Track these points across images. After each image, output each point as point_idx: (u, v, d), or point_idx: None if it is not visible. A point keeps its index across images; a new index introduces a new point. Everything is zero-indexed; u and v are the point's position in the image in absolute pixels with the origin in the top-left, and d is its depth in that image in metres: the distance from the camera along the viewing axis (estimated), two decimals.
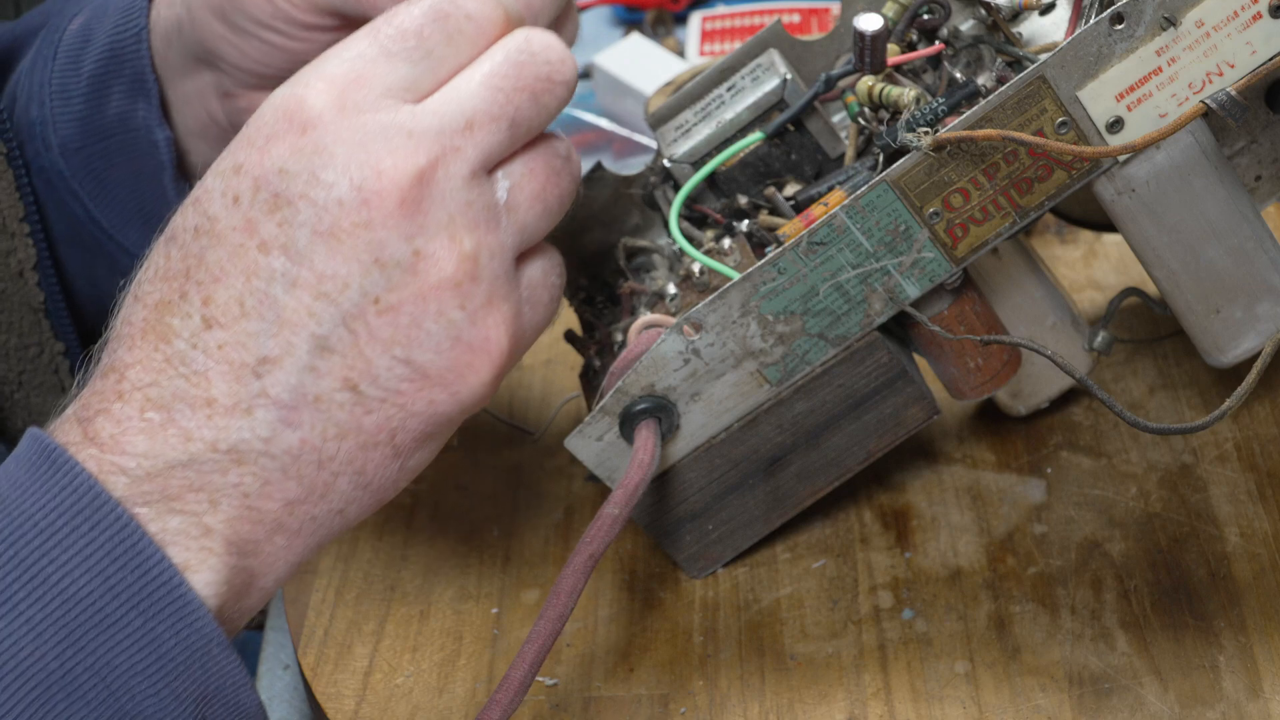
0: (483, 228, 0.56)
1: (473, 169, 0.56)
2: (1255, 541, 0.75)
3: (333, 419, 0.55)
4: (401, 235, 0.55)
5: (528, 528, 0.82)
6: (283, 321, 0.54)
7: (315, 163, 0.54)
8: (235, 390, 0.54)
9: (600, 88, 1.17)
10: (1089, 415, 0.83)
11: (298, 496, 0.55)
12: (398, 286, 0.55)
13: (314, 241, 0.54)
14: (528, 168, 0.58)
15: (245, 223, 0.55)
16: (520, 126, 0.58)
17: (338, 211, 0.54)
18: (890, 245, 0.70)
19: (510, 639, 0.76)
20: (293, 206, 0.54)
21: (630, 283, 0.80)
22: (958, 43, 0.74)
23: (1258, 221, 0.70)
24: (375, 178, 0.54)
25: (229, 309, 0.54)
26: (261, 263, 0.54)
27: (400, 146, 0.55)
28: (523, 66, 0.58)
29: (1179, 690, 0.69)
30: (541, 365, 0.92)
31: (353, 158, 0.54)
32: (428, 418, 0.57)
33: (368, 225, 0.54)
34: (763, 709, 0.72)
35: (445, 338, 0.56)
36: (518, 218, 0.58)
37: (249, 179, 0.55)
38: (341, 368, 0.55)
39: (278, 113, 0.56)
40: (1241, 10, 0.66)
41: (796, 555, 0.79)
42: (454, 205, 0.55)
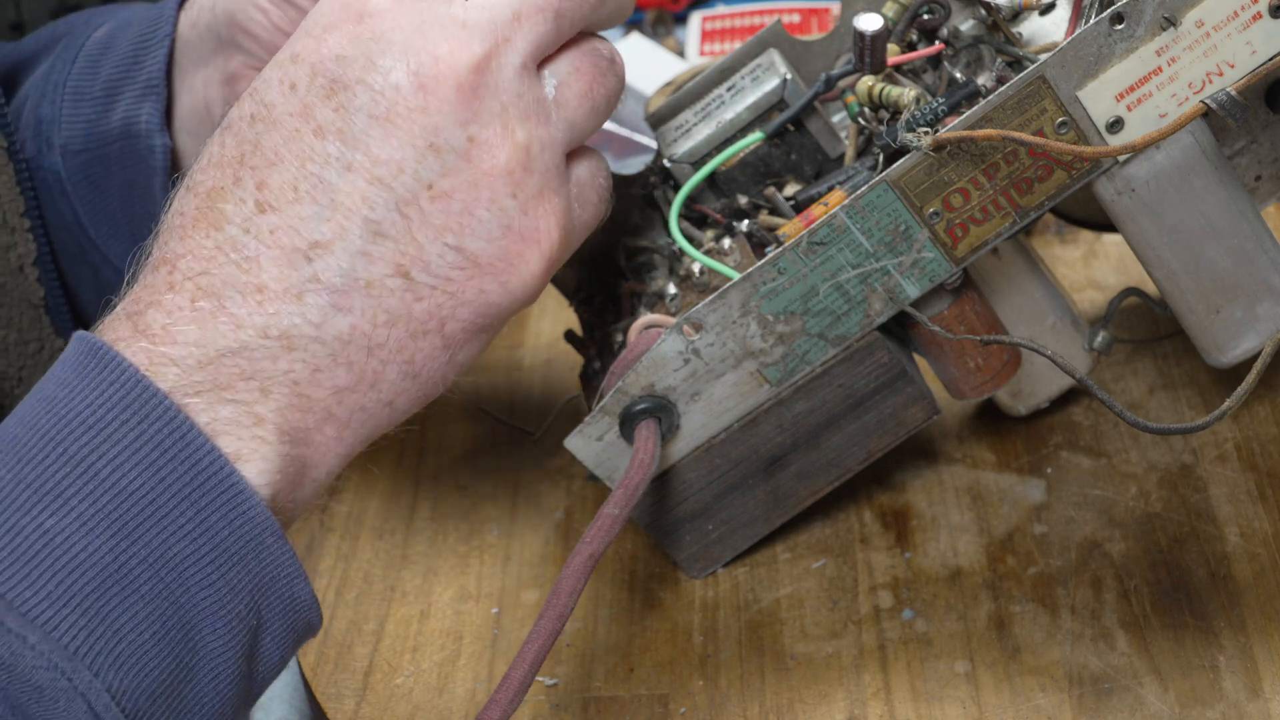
0: (535, 119, 0.57)
1: (524, 60, 0.57)
2: (1255, 541, 0.75)
3: (384, 305, 0.55)
4: (457, 121, 0.55)
5: (528, 528, 0.82)
6: (336, 205, 0.55)
7: (372, 49, 0.55)
8: (287, 275, 0.55)
9: None
10: (1089, 415, 0.83)
11: (347, 384, 0.55)
12: (452, 172, 0.55)
13: (370, 126, 0.55)
14: (574, 65, 0.59)
15: (302, 108, 0.55)
16: (565, 19, 0.58)
17: (394, 96, 0.55)
18: (890, 245, 0.70)
19: (510, 639, 0.76)
20: (349, 91, 0.55)
21: (630, 283, 0.80)
22: (958, 43, 0.74)
23: (1258, 221, 0.70)
24: (432, 64, 0.55)
25: (283, 193, 0.55)
26: (317, 147, 0.55)
27: (455, 35, 0.56)
28: None
29: (1179, 690, 0.69)
30: (542, 365, 0.92)
31: (410, 44, 0.55)
32: (478, 307, 0.57)
33: (424, 110, 0.55)
34: (763, 709, 0.72)
35: (497, 225, 0.56)
36: (567, 113, 0.59)
37: (306, 66, 0.56)
38: (394, 253, 0.55)
39: (335, 3, 0.57)
40: (1241, 10, 0.66)
41: (796, 555, 0.79)
42: (507, 95, 0.56)
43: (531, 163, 0.57)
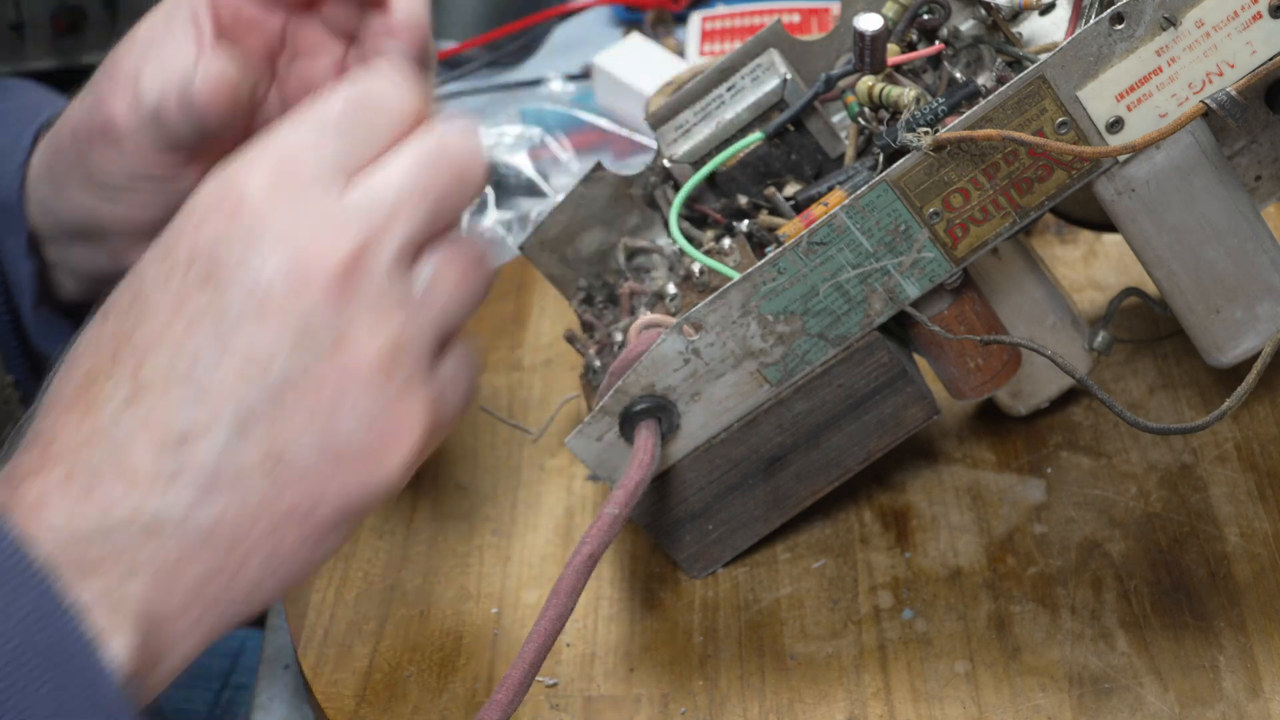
0: (405, 313, 0.57)
1: (397, 252, 0.57)
2: (1255, 541, 0.75)
3: (249, 495, 0.56)
4: (327, 316, 0.56)
5: (528, 528, 0.82)
6: (208, 394, 0.55)
7: (247, 240, 0.56)
8: (157, 461, 0.55)
9: (600, 88, 1.17)
10: (1089, 415, 0.83)
11: (210, 572, 0.56)
12: (320, 366, 0.56)
13: (242, 317, 0.55)
14: (447, 259, 0.59)
15: (177, 296, 0.56)
16: (441, 214, 0.59)
17: (267, 288, 0.55)
18: (890, 245, 0.70)
19: (510, 639, 0.76)
20: (223, 281, 0.55)
21: (630, 283, 0.80)
22: (958, 43, 0.74)
23: (1258, 221, 0.70)
24: (305, 255, 0.55)
25: (156, 380, 0.55)
26: (190, 336, 0.55)
27: (329, 228, 0.56)
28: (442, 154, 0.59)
29: (1179, 690, 0.69)
30: (541, 365, 0.92)
31: (284, 236, 0.56)
32: (342, 499, 0.57)
33: (295, 303, 0.55)
34: (763, 709, 0.72)
35: (363, 419, 0.56)
36: (437, 307, 0.59)
37: (183, 254, 0.56)
38: (261, 443, 0.56)
39: (213, 193, 0.57)
40: (1241, 10, 0.66)
41: (796, 555, 0.79)
42: (379, 289, 0.57)
43: (400, 356, 0.57)
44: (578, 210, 0.83)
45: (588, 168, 0.84)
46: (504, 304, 0.97)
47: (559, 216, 0.84)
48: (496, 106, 1.18)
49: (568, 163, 1.13)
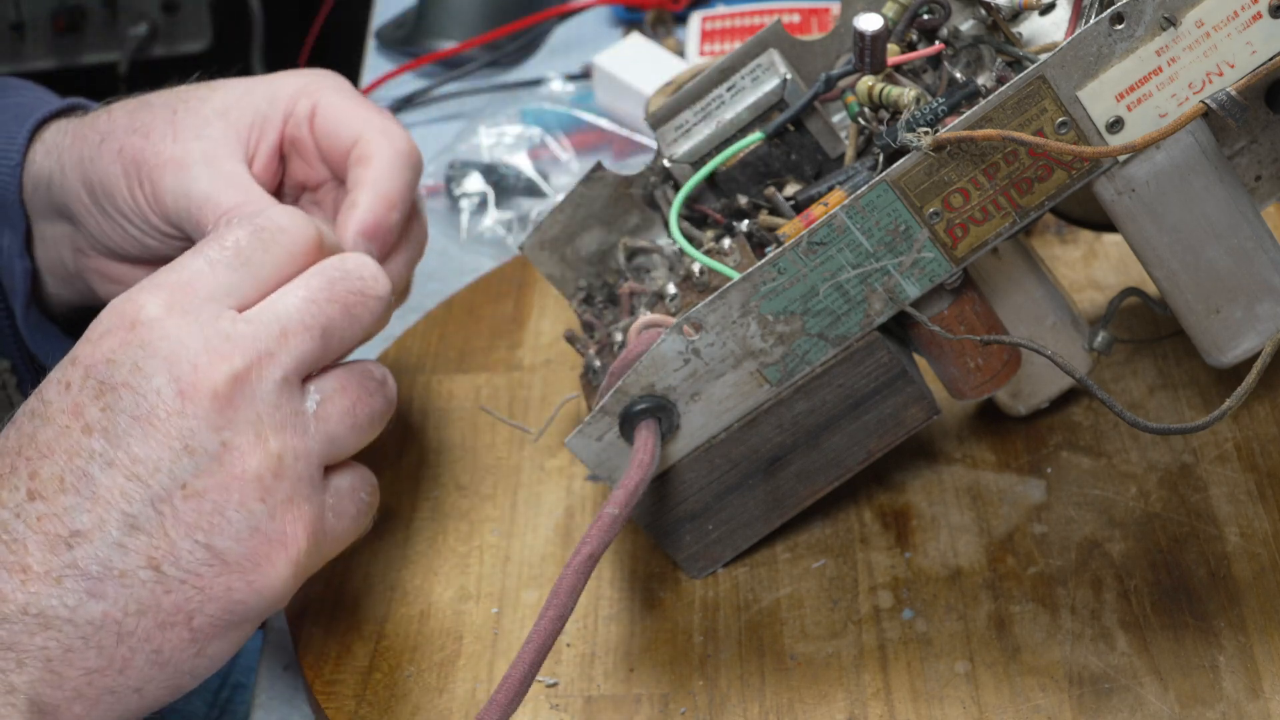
0: (289, 430, 0.61)
1: (285, 374, 0.61)
2: (1255, 541, 0.75)
3: (135, 595, 0.59)
4: (211, 427, 0.60)
5: (528, 528, 0.82)
6: (97, 498, 0.59)
7: (139, 355, 0.60)
8: (48, 559, 0.58)
9: (600, 88, 1.17)
10: (1089, 415, 0.83)
11: (97, 666, 0.59)
12: (204, 474, 0.60)
13: (131, 426, 0.59)
14: (339, 383, 0.63)
15: (73, 406, 0.60)
16: (333, 337, 0.63)
17: (155, 400, 0.60)
18: (890, 245, 0.70)
19: (510, 639, 0.76)
20: (115, 394, 0.60)
21: (630, 283, 0.80)
22: (958, 43, 0.74)
23: (1258, 221, 0.70)
24: (191, 372, 0.60)
25: (50, 484, 0.59)
26: (83, 443, 0.59)
27: (218, 347, 0.60)
28: (336, 282, 0.63)
29: (1179, 690, 0.69)
30: (541, 365, 0.92)
31: (174, 353, 0.60)
32: (225, 603, 0.61)
33: (180, 415, 0.59)
34: (763, 709, 0.72)
35: (245, 527, 0.60)
36: (327, 428, 0.63)
37: (80, 368, 0.61)
38: (147, 546, 0.59)
39: (114, 314, 0.61)
40: (1241, 10, 0.66)
41: (796, 555, 0.79)
42: (264, 406, 0.61)
43: (283, 470, 0.61)
44: (578, 210, 0.83)
45: (588, 168, 0.84)
46: (504, 304, 0.97)
47: (559, 216, 0.84)
48: (496, 106, 1.18)
49: (568, 163, 1.13)
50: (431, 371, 0.93)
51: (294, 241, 0.64)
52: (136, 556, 0.59)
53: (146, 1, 1.80)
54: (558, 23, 1.31)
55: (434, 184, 1.12)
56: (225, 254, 0.63)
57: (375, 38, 1.34)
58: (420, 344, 0.95)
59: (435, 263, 1.07)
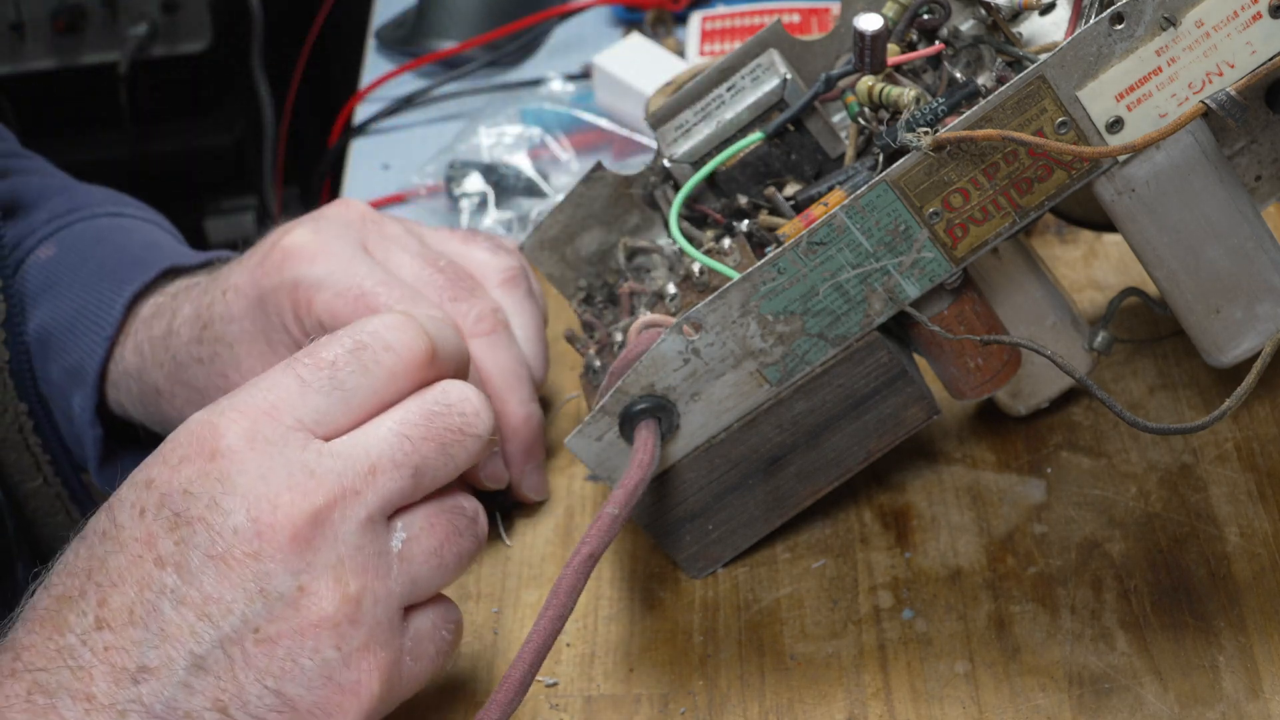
0: (371, 573, 0.58)
1: (370, 514, 0.58)
2: (1255, 541, 0.75)
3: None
4: (288, 569, 0.57)
5: (528, 528, 0.82)
6: (166, 635, 0.57)
7: (217, 489, 0.57)
8: (113, 691, 0.57)
9: (600, 88, 1.17)
10: (1089, 415, 0.83)
11: None
12: (278, 618, 0.57)
13: (205, 564, 0.57)
14: (428, 521, 0.60)
15: (147, 535, 0.58)
16: (425, 476, 0.60)
17: (231, 539, 0.57)
18: (890, 245, 0.70)
19: (510, 639, 0.76)
20: (191, 527, 0.57)
21: (630, 283, 0.80)
22: (958, 43, 0.74)
23: (1258, 221, 0.70)
24: (270, 511, 0.57)
25: (119, 614, 0.57)
26: (155, 576, 0.57)
27: (300, 484, 0.57)
28: (435, 417, 0.60)
29: (1179, 690, 0.69)
30: None
31: (252, 489, 0.57)
32: None
33: (257, 556, 0.57)
34: (763, 709, 0.72)
35: (318, 675, 0.58)
36: (411, 569, 0.60)
37: (156, 494, 0.58)
38: (214, 688, 0.57)
39: (192, 436, 0.59)
40: (1241, 10, 0.66)
41: (796, 555, 0.79)
42: (345, 547, 0.58)
43: (361, 616, 0.58)
44: (578, 210, 0.83)
45: (588, 168, 0.84)
46: None
47: (559, 216, 0.84)
48: (496, 106, 1.18)
49: (568, 163, 1.13)
50: None
51: (398, 362, 0.60)
52: (203, 698, 0.57)
53: (146, 1, 1.80)
54: (558, 23, 1.31)
55: (434, 184, 1.13)
56: (319, 376, 0.59)
57: (375, 38, 1.34)
58: None
59: None
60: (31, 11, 1.79)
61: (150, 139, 1.85)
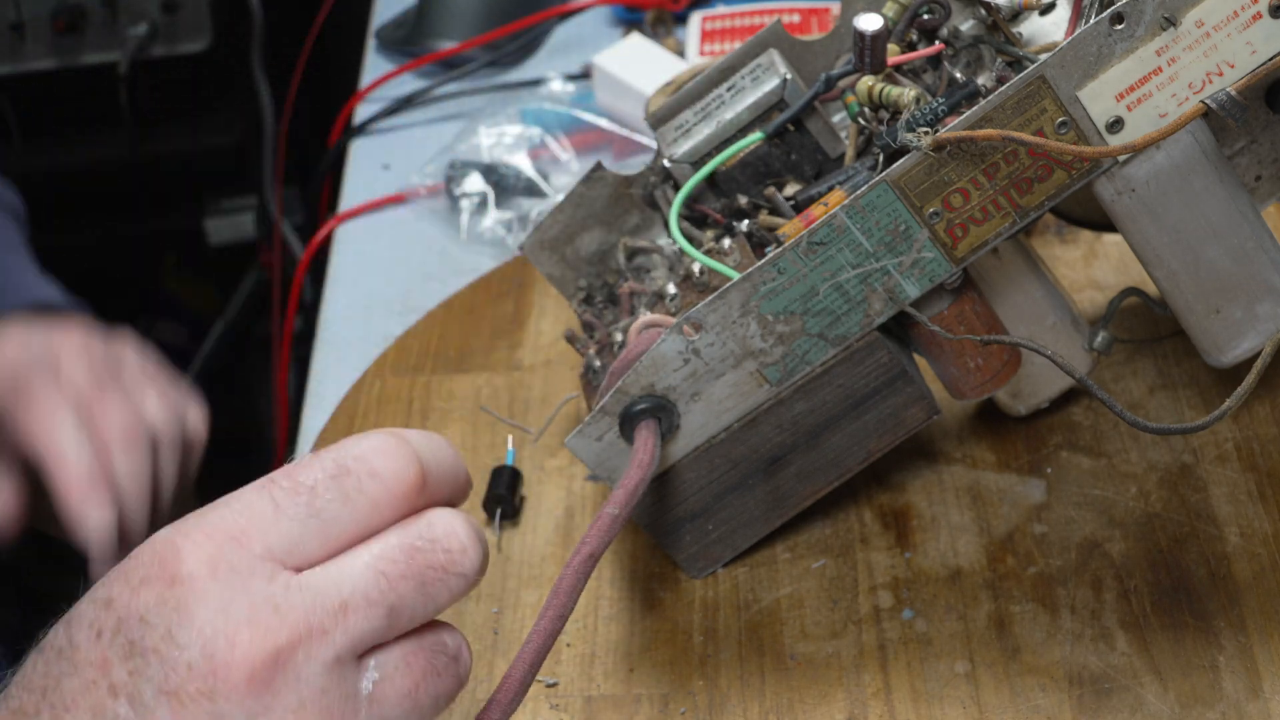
0: (338, 716, 0.54)
1: (338, 654, 0.54)
2: (1255, 541, 0.75)
3: None
4: (244, 712, 0.53)
5: (528, 528, 0.82)
6: None
7: (174, 619, 0.54)
8: None
9: (600, 88, 1.17)
10: (1089, 415, 0.83)
11: None
12: None
13: (158, 698, 0.53)
14: (404, 660, 0.56)
15: (101, 660, 0.55)
16: (401, 615, 0.55)
17: (185, 674, 0.53)
18: (890, 245, 0.70)
19: (510, 639, 0.76)
20: (145, 659, 0.54)
21: (630, 283, 0.80)
22: (958, 43, 0.74)
23: (1258, 221, 0.70)
24: (227, 649, 0.53)
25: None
26: (108, 705, 0.54)
27: (262, 620, 0.53)
28: (417, 552, 0.55)
29: (1179, 690, 0.69)
30: (541, 365, 0.92)
31: (210, 623, 0.53)
32: None
33: (210, 695, 0.53)
34: (763, 709, 0.72)
35: None
36: (382, 711, 0.55)
37: (114, 617, 0.55)
38: None
39: (155, 555, 0.55)
40: (1241, 10, 0.66)
41: (796, 555, 0.79)
42: (308, 690, 0.53)
43: None
44: (578, 210, 0.83)
45: (588, 168, 0.84)
46: (504, 304, 0.97)
47: (559, 216, 0.84)
48: (496, 106, 1.18)
49: (568, 163, 1.13)
50: (431, 371, 0.93)
51: (384, 491, 0.56)
52: None
53: (146, 1, 1.80)
54: (558, 23, 1.31)
55: (434, 184, 1.13)
56: (296, 502, 0.55)
57: (375, 38, 1.34)
58: (420, 344, 0.95)
59: (435, 263, 1.07)
60: (31, 11, 1.79)
61: (150, 139, 1.85)
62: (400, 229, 1.12)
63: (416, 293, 1.04)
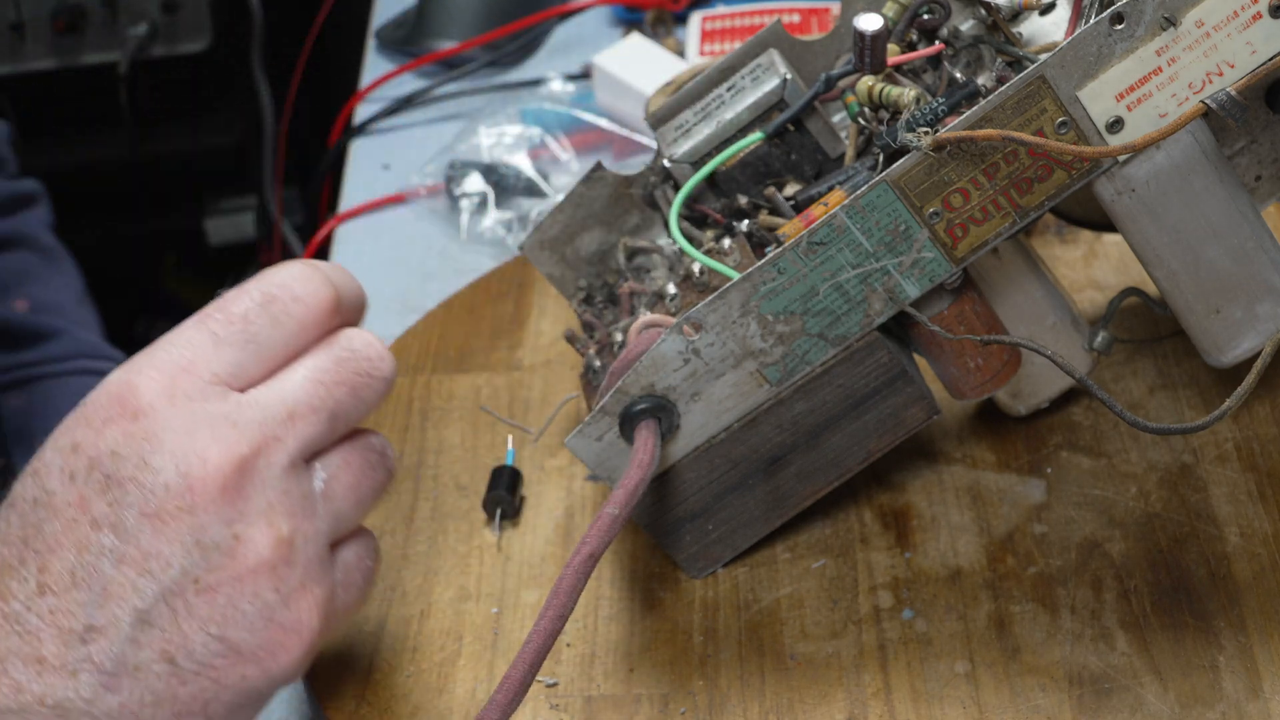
0: (299, 515, 0.60)
1: (292, 458, 0.60)
2: (1255, 541, 0.75)
3: (150, 687, 0.59)
4: (222, 520, 0.59)
5: (528, 528, 0.82)
6: (109, 594, 0.58)
7: (145, 448, 0.59)
8: (63, 653, 0.58)
9: (600, 88, 1.17)
10: (1089, 415, 0.83)
11: None
12: (216, 568, 0.59)
13: (141, 522, 0.58)
14: (344, 460, 0.62)
15: (79, 499, 0.59)
16: (340, 419, 0.61)
17: (164, 495, 0.58)
18: (890, 245, 0.70)
19: (510, 639, 0.76)
20: (123, 488, 0.58)
21: (630, 283, 0.80)
22: (958, 43, 0.74)
23: (1258, 221, 0.70)
24: (200, 465, 0.58)
25: (61, 578, 0.59)
26: (93, 538, 0.59)
27: (224, 435, 0.59)
28: (344, 363, 0.62)
29: (1179, 690, 0.69)
30: (541, 365, 0.92)
31: (179, 445, 0.58)
32: (240, 691, 0.60)
33: (190, 509, 0.58)
34: (763, 709, 0.72)
35: (259, 618, 0.59)
36: (333, 506, 0.62)
37: (84, 458, 0.59)
38: (160, 640, 0.59)
39: (112, 397, 0.60)
40: (1241, 10, 0.66)
41: (796, 555, 0.79)
42: (273, 493, 0.59)
43: (294, 556, 0.60)
44: (578, 210, 0.83)
45: (588, 168, 0.84)
46: (504, 304, 0.97)
47: (559, 216, 0.84)
48: (496, 106, 1.18)
49: (568, 163, 1.13)
50: (431, 371, 0.93)
51: (307, 312, 0.62)
52: (150, 651, 0.59)
53: (146, 1, 1.80)
54: (558, 23, 1.31)
55: (434, 184, 1.13)
56: (232, 330, 0.60)
57: (375, 38, 1.34)
58: (420, 344, 0.95)
59: (435, 263, 1.07)
60: (31, 11, 1.79)
61: (150, 139, 1.85)
62: (400, 229, 1.12)
63: (416, 293, 1.04)
